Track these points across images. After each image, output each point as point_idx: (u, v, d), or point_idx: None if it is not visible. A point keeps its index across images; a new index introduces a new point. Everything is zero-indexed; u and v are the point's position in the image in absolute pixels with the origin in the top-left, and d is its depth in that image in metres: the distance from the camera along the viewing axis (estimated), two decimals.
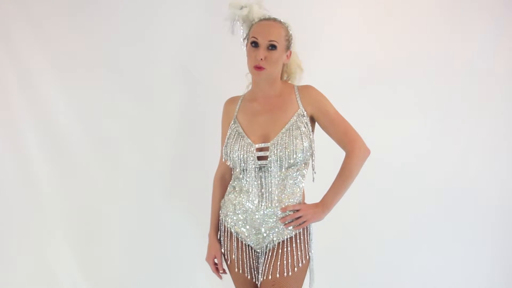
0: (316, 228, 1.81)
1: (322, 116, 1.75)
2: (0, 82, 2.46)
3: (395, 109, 2.59)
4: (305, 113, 1.74)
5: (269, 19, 1.75)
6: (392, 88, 2.57)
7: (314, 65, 2.45)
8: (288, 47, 1.76)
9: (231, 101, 1.90)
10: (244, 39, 1.81)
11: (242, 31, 1.80)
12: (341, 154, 1.76)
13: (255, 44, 1.70)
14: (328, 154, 1.81)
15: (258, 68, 1.69)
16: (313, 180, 1.77)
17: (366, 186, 1.88)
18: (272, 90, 1.79)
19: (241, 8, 1.76)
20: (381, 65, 2.55)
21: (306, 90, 1.78)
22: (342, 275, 2.62)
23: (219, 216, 1.89)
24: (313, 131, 1.79)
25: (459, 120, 2.63)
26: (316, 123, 1.81)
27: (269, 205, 1.70)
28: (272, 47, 1.69)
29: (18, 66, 2.47)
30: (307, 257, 1.74)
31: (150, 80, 2.55)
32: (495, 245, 2.72)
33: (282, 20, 1.75)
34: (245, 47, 1.79)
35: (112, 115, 2.55)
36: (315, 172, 1.77)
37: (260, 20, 1.75)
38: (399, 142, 2.59)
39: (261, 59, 1.67)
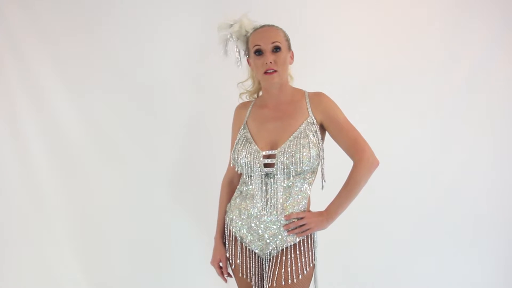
0: (319, 235, 1.79)
1: (331, 124, 1.73)
2: (2, 83, 2.50)
3: (397, 117, 2.58)
4: (314, 121, 1.72)
5: (263, 26, 1.77)
6: (394, 96, 2.57)
7: (317, 71, 2.45)
8: (289, 48, 1.78)
9: (242, 106, 1.90)
10: (245, 54, 1.83)
11: (237, 49, 1.83)
12: (352, 162, 1.73)
13: (259, 52, 1.72)
14: (338, 162, 1.78)
15: (270, 73, 1.70)
16: (322, 188, 1.76)
17: (368, 192, 1.86)
18: (283, 95, 1.79)
19: (231, 26, 1.79)
20: (383, 72, 2.54)
21: (317, 97, 1.77)
22: (345, 282, 2.62)
23: (225, 220, 1.89)
24: (323, 139, 1.77)
25: (462, 127, 2.61)
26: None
27: (273, 212, 1.70)
28: (277, 48, 1.71)
29: (20, 67, 2.50)
30: (312, 264, 1.73)
31: (153, 82, 2.56)
32: (498, 253, 2.69)
33: (274, 25, 1.78)
34: (242, 62, 1.83)
35: (115, 117, 2.58)
36: (324, 181, 1.75)
37: (255, 29, 1.77)
38: (401, 150, 2.58)
39: (271, 62, 1.68)
